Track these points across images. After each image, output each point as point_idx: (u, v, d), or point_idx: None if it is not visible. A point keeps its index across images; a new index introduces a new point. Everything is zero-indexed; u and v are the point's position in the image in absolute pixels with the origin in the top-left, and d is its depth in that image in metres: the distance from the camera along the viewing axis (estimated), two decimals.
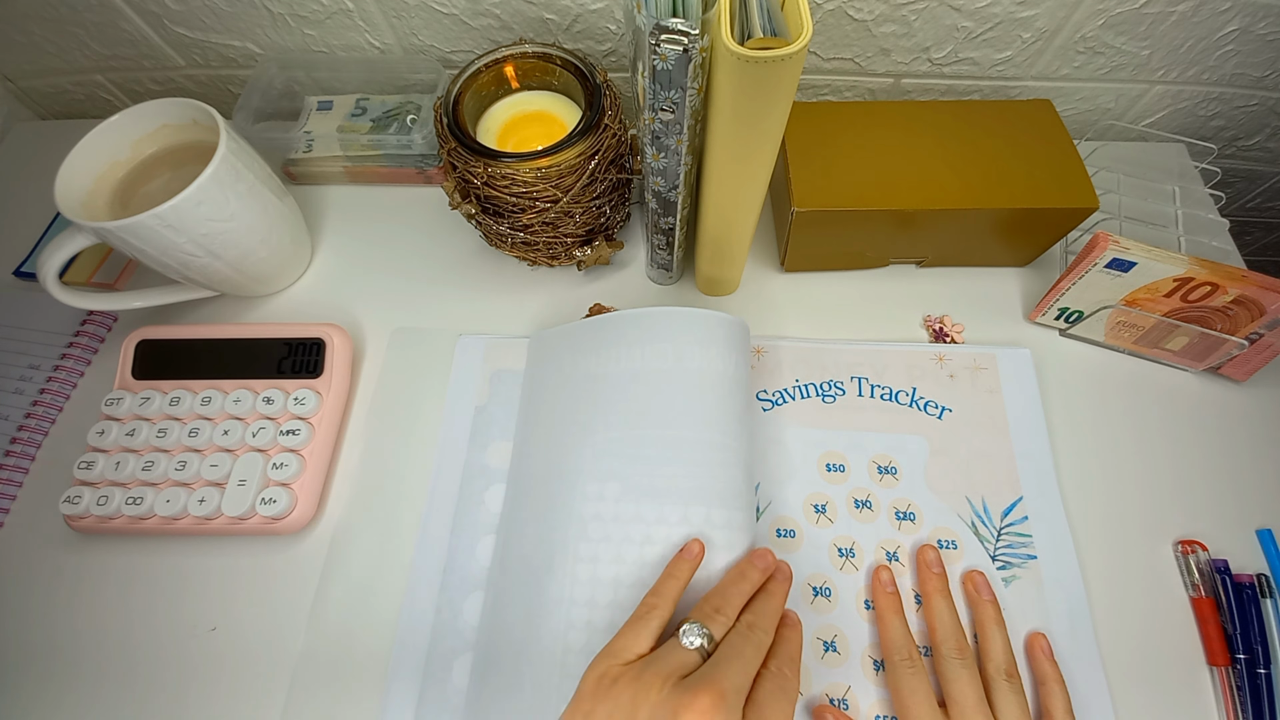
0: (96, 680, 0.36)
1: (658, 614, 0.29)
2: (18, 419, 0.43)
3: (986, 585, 0.36)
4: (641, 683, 0.25)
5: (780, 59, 0.25)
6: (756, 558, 0.33)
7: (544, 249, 0.43)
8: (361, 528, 0.39)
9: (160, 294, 0.44)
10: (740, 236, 0.40)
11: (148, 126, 0.41)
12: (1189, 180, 0.51)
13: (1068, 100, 0.53)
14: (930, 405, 0.42)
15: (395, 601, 0.37)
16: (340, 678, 0.35)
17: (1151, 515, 0.39)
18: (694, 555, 0.32)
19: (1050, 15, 0.46)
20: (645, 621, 0.28)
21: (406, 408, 0.43)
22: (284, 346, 0.42)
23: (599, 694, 0.26)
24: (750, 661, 0.27)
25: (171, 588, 0.38)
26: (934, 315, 0.46)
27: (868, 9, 0.46)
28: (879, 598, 0.36)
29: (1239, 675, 0.34)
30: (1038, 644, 0.34)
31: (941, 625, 0.34)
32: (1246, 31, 0.46)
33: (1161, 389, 0.43)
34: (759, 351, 0.44)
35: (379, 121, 0.50)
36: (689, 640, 0.27)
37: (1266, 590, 0.36)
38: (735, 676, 0.26)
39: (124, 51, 0.53)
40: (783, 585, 0.32)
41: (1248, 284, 0.37)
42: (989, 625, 0.34)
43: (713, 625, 0.28)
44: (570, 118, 0.42)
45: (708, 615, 0.29)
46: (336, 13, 0.49)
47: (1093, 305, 0.42)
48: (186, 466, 0.39)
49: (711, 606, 0.29)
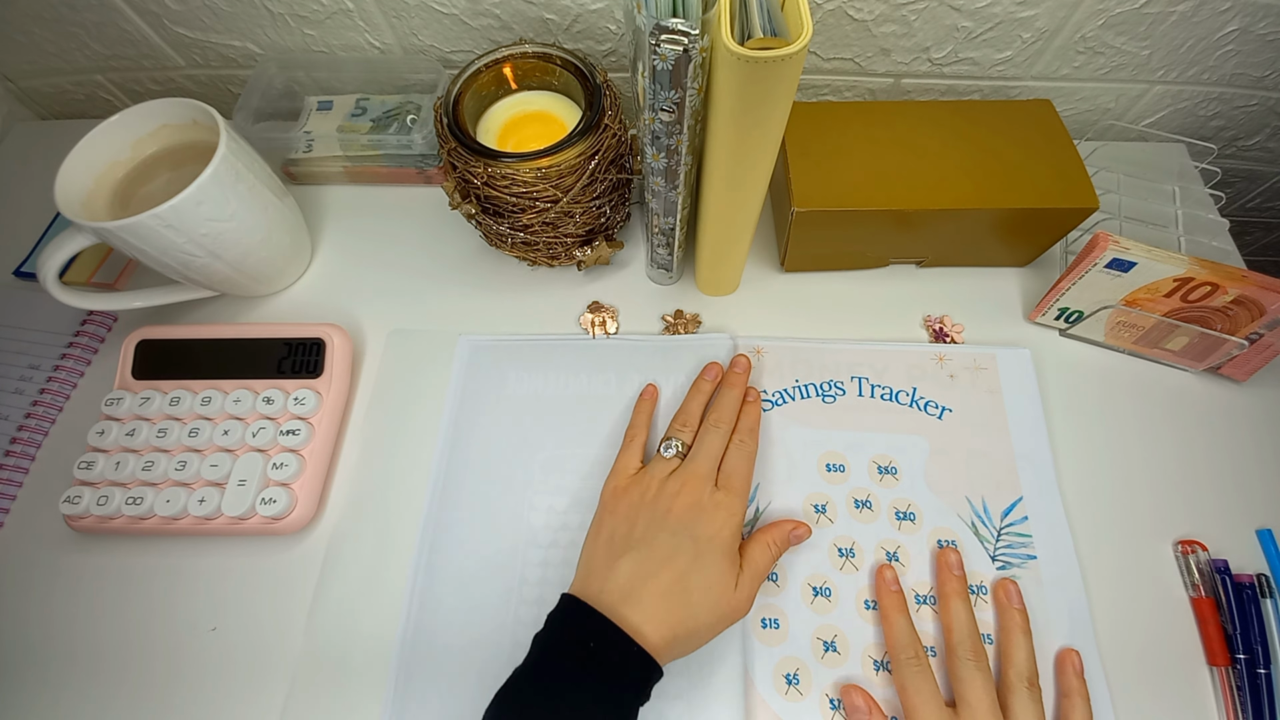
0: (96, 680, 0.36)
1: (638, 439, 0.39)
2: (18, 419, 0.43)
3: (1018, 594, 0.35)
4: (643, 485, 0.35)
5: (780, 59, 0.25)
6: (706, 371, 0.41)
7: (544, 249, 0.43)
8: (361, 528, 0.39)
9: (160, 294, 0.44)
10: (740, 236, 0.40)
11: (148, 126, 0.41)
12: (1189, 180, 0.51)
13: (1068, 100, 0.53)
14: (930, 405, 0.42)
15: (395, 601, 0.37)
16: (340, 678, 0.35)
17: (1152, 515, 0.39)
18: (651, 395, 0.42)
19: (1050, 15, 0.45)
20: (630, 447, 0.39)
21: (406, 407, 0.43)
22: (284, 346, 0.42)
23: (616, 498, 0.36)
24: (714, 447, 0.37)
25: (171, 588, 0.38)
26: (934, 315, 0.46)
27: (868, 9, 0.46)
28: (883, 596, 0.36)
29: (1239, 675, 0.34)
30: (1069, 659, 0.34)
31: (959, 627, 0.34)
32: (1246, 31, 0.46)
33: (1161, 389, 0.43)
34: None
35: (379, 121, 0.50)
36: (665, 451, 0.37)
37: (1266, 590, 0.36)
38: (704, 463, 0.36)
39: (124, 51, 0.53)
40: (739, 377, 0.40)
41: (1248, 284, 0.37)
42: (1015, 632, 0.34)
43: (681, 435, 0.38)
44: (570, 118, 0.42)
45: (676, 430, 0.38)
46: (336, 13, 0.49)
47: (1093, 305, 0.42)
48: (186, 466, 0.39)
49: (678, 422, 0.39)
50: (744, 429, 0.38)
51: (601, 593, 0.31)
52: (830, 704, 0.34)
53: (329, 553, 0.39)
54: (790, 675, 0.35)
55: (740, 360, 0.41)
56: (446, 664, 0.35)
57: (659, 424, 0.41)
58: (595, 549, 0.34)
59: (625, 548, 0.32)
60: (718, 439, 0.37)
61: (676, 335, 0.45)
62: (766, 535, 0.35)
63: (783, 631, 0.36)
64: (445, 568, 0.38)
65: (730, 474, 0.36)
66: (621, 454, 0.38)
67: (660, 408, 0.42)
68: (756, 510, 0.39)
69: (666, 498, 0.34)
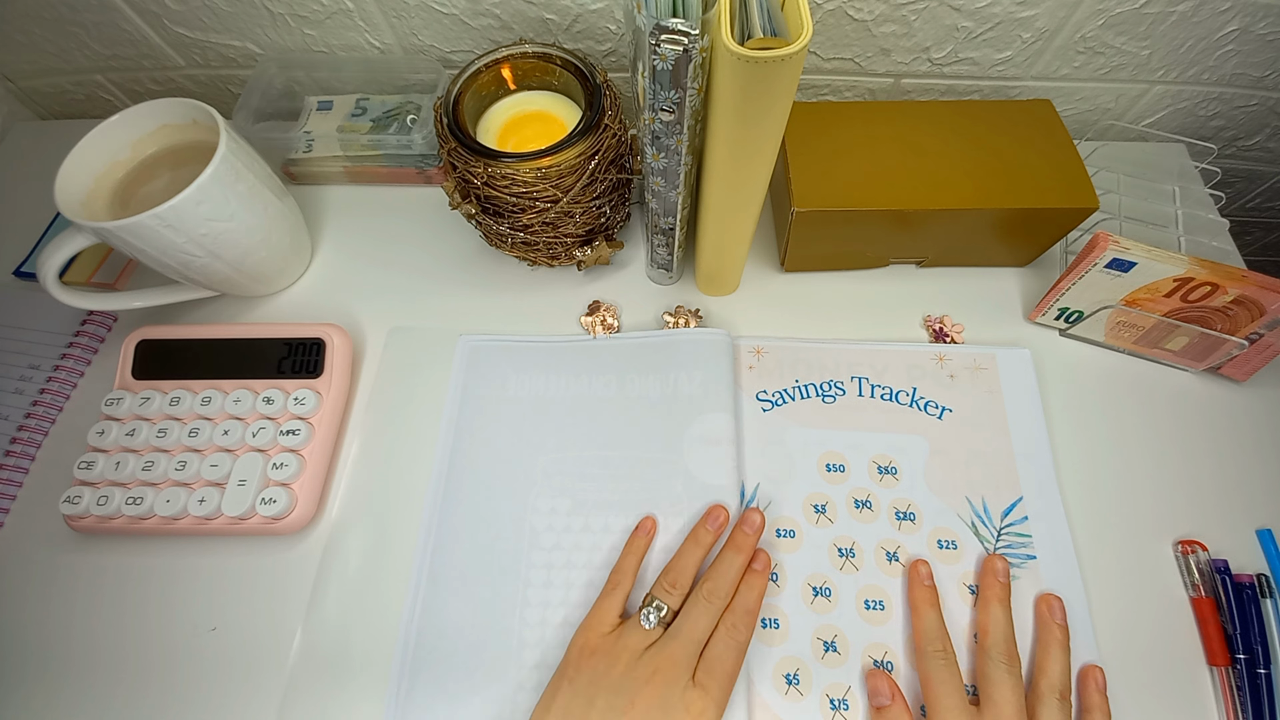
0: (96, 680, 0.36)
1: (620, 589, 0.35)
2: (18, 419, 0.43)
3: (1061, 610, 0.35)
4: (612, 656, 0.32)
5: (780, 59, 0.25)
6: (709, 520, 0.37)
7: (544, 249, 0.43)
8: (361, 528, 0.39)
9: (160, 294, 0.44)
10: (740, 236, 0.40)
11: (148, 126, 0.41)
12: (1189, 180, 0.51)
13: (1068, 100, 0.53)
14: (930, 405, 0.42)
15: (395, 601, 0.37)
16: (339, 679, 0.35)
17: (1152, 515, 0.39)
18: (648, 530, 0.37)
19: (1050, 15, 0.46)
20: (611, 597, 0.34)
21: (406, 407, 0.43)
22: (284, 346, 0.42)
23: (580, 663, 0.32)
24: (700, 627, 0.32)
25: (171, 588, 0.38)
26: (934, 315, 0.46)
27: (868, 9, 0.46)
28: (915, 589, 0.36)
29: (1239, 675, 0.34)
30: (1093, 676, 0.34)
31: (995, 629, 0.34)
32: (1246, 31, 0.46)
33: (1161, 389, 0.43)
34: (759, 351, 0.44)
35: (379, 121, 0.50)
36: (645, 621, 0.33)
37: (1266, 590, 0.36)
38: (683, 647, 0.31)
39: (124, 51, 0.53)
40: (747, 539, 0.36)
41: (1248, 284, 0.37)
42: (1054, 647, 0.34)
43: (668, 599, 0.33)
44: (570, 118, 0.42)
45: (663, 590, 0.34)
46: (336, 13, 0.49)
47: (1093, 305, 0.42)
48: (186, 466, 0.39)
49: (668, 581, 0.34)
50: (740, 609, 0.33)
51: None
52: (830, 704, 0.34)
53: (327, 552, 0.39)
54: (790, 675, 0.35)
55: (752, 517, 0.36)
56: (449, 665, 0.35)
57: None
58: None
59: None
60: (706, 617, 0.33)
61: (675, 329, 0.44)
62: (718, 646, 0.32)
63: (783, 631, 0.36)
64: (447, 569, 0.38)
65: (712, 666, 0.31)
66: (599, 602, 0.34)
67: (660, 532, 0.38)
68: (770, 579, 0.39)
69: (632, 683, 0.30)
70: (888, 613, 0.36)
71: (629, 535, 0.37)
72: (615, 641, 0.32)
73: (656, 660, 0.31)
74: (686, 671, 0.31)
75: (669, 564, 0.35)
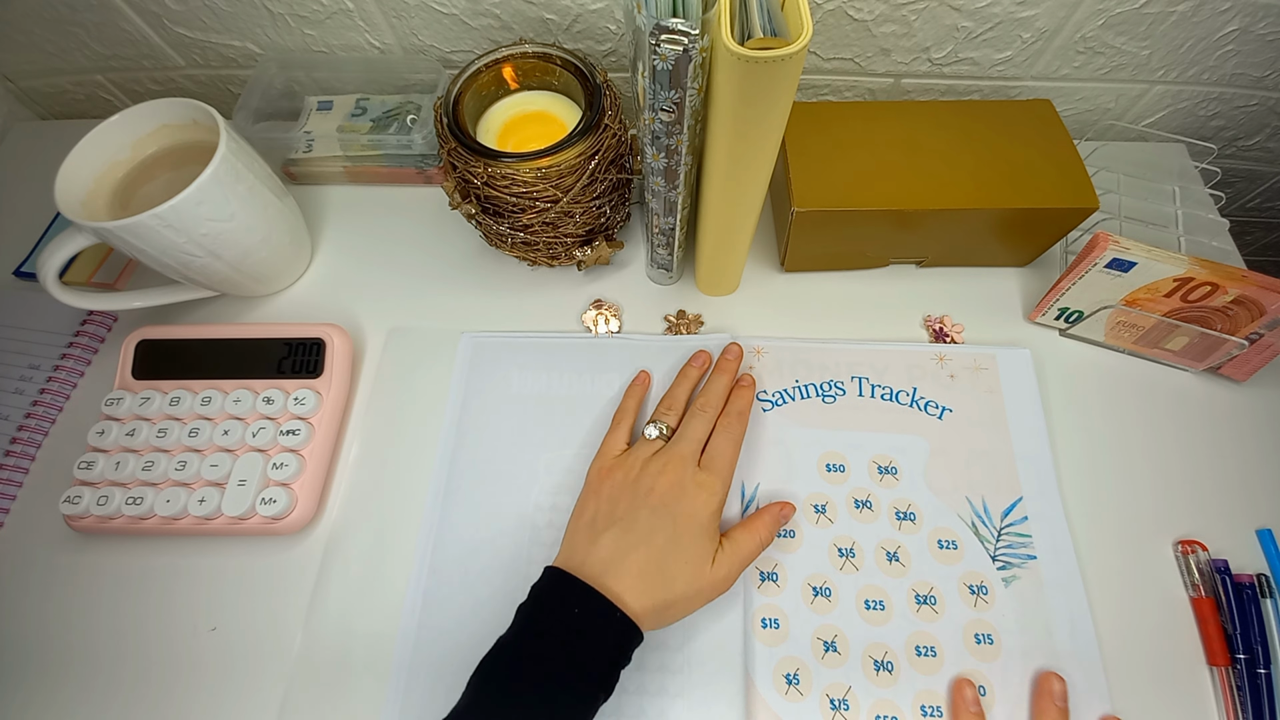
0: (96, 680, 0.36)
1: (625, 423, 0.40)
2: (18, 419, 0.43)
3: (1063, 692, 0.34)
4: (627, 465, 0.36)
5: (780, 59, 0.25)
6: (694, 360, 0.42)
7: (544, 249, 0.43)
8: (361, 527, 0.39)
9: (160, 294, 0.44)
10: (740, 236, 0.40)
11: (148, 126, 0.41)
12: (1189, 180, 0.51)
13: (1068, 100, 0.53)
14: (930, 405, 0.42)
15: (397, 600, 0.37)
16: (339, 678, 0.35)
17: (1152, 515, 0.39)
18: (643, 381, 0.42)
19: (1050, 15, 0.45)
20: (617, 429, 0.39)
21: (406, 407, 0.43)
22: (284, 346, 0.42)
23: (600, 479, 0.36)
24: (699, 431, 0.37)
25: (171, 588, 0.38)
26: (934, 315, 0.46)
27: (868, 9, 0.46)
28: (960, 715, 0.34)
29: (1239, 675, 0.34)
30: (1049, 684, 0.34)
31: None
32: (1246, 31, 0.46)
33: (1161, 389, 0.43)
34: (759, 351, 0.44)
35: (379, 121, 0.50)
36: (649, 433, 0.38)
37: (1266, 590, 0.36)
38: (687, 445, 0.36)
39: (124, 51, 0.53)
40: (730, 364, 0.41)
41: (1248, 284, 0.37)
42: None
43: (666, 418, 0.38)
44: (570, 118, 0.42)
45: (661, 413, 0.39)
46: (336, 13, 0.49)
47: (1093, 305, 0.42)
48: (186, 466, 0.39)
49: (664, 406, 0.39)
50: (732, 411, 0.38)
51: (584, 564, 0.32)
52: (830, 704, 0.34)
53: (328, 552, 0.39)
54: (790, 675, 0.35)
55: (732, 347, 0.42)
56: (451, 664, 0.35)
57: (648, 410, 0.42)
58: (579, 527, 0.35)
59: (608, 524, 0.33)
60: (702, 423, 0.37)
61: (679, 335, 0.45)
62: (753, 520, 0.36)
63: (783, 631, 0.36)
64: (449, 567, 0.38)
65: (714, 456, 0.36)
66: (609, 435, 0.39)
67: (651, 395, 0.42)
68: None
69: (649, 477, 0.35)
70: (888, 613, 0.36)
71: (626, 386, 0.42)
72: (628, 457, 0.37)
73: (666, 457, 0.36)
74: (693, 461, 0.36)
75: (664, 395, 0.40)
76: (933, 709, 0.34)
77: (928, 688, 0.34)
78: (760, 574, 0.37)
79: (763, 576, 0.37)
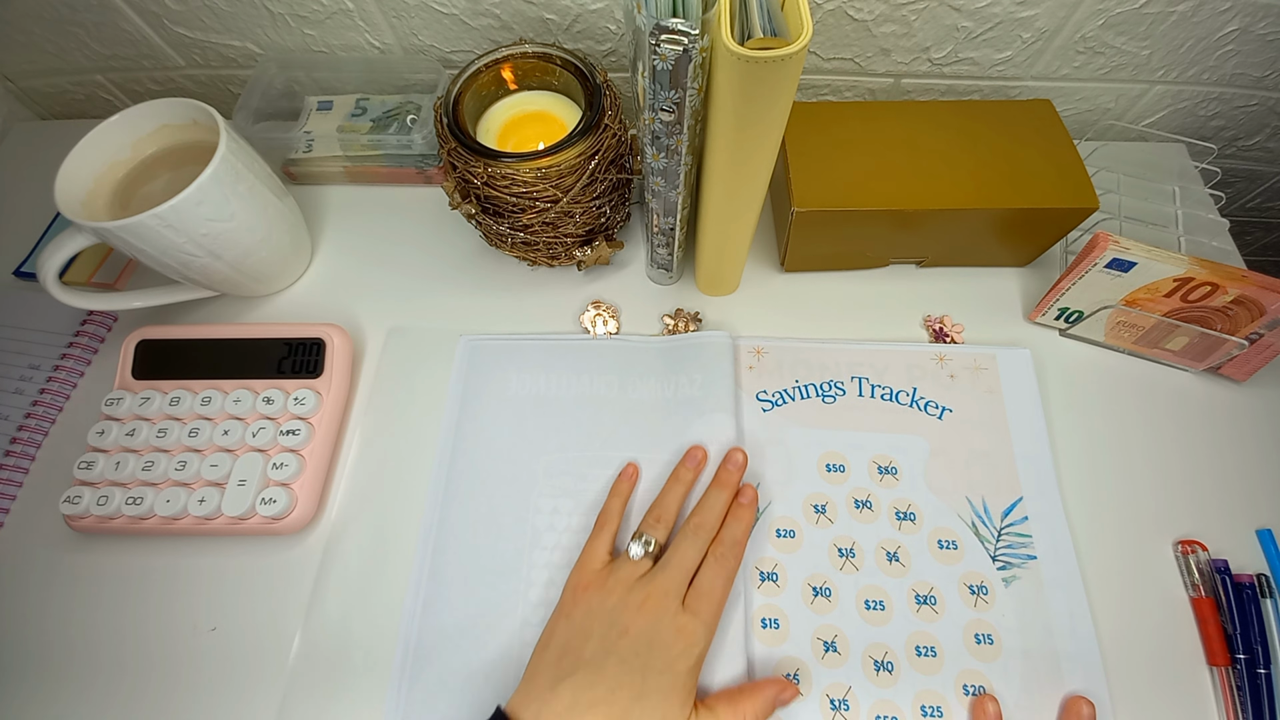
0: (96, 680, 0.36)
1: (607, 529, 0.36)
2: (18, 419, 0.43)
3: (1092, 715, 0.33)
4: (605, 589, 0.33)
5: (780, 59, 0.25)
6: (688, 459, 0.38)
7: (544, 249, 0.43)
8: (361, 528, 0.39)
9: (160, 294, 0.44)
10: (740, 236, 0.40)
11: (148, 126, 0.41)
12: (1189, 180, 0.51)
13: (1068, 100, 0.53)
14: (930, 405, 0.42)
15: (396, 601, 0.37)
16: (340, 677, 0.35)
17: (1152, 515, 0.39)
18: (630, 476, 0.39)
19: (1050, 15, 0.45)
20: (599, 537, 0.36)
21: (406, 408, 0.43)
22: (284, 346, 0.42)
23: (575, 600, 0.33)
24: (689, 558, 0.33)
25: (171, 588, 0.38)
26: (934, 315, 0.46)
27: (868, 9, 0.46)
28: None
29: (1239, 675, 0.34)
30: (1079, 708, 0.33)
31: None
32: (1246, 31, 0.46)
33: (1161, 389, 0.43)
34: (759, 352, 0.44)
35: (379, 121, 0.50)
36: (633, 551, 0.34)
37: (1266, 590, 0.36)
38: (673, 576, 0.32)
39: (124, 51, 0.53)
40: (731, 475, 0.37)
41: (1248, 284, 0.37)
42: None
43: (654, 532, 0.35)
44: (570, 118, 0.42)
45: (649, 525, 0.35)
46: (336, 13, 0.49)
47: (1093, 305, 0.42)
48: (186, 466, 0.39)
49: (653, 516, 0.36)
50: (727, 540, 0.34)
51: (539, 715, 0.29)
52: (831, 704, 0.34)
53: (328, 552, 0.39)
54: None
55: (735, 456, 0.38)
56: (451, 665, 0.35)
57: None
58: (543, 660, 0.32)
59: (572, 667, 0.30)
60: (694, 548, 0.34)
61: (676, 335, 0.45)
62: (743, 695, 0.31)
63: (783, 632, 0.36)
64: (449, 569, 0.38)
65: (702, 593, 0.32)
66: (589, 543, 0.36)
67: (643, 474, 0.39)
68: (756, 512, 0.39)
69: (626, 612, 0.31)
70: (888, 613, 0.36)
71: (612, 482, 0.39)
72: (607, 576, 0.33)
73: (647, 589, 0.32)
74: (676, 599, 0.32)
75: (654, 502, 0.37)
76: (933, 709, 0.34)
77: (928, 688, 0.34)
78: (760, 574, 0.37)
79: (763, 577, 0.37)
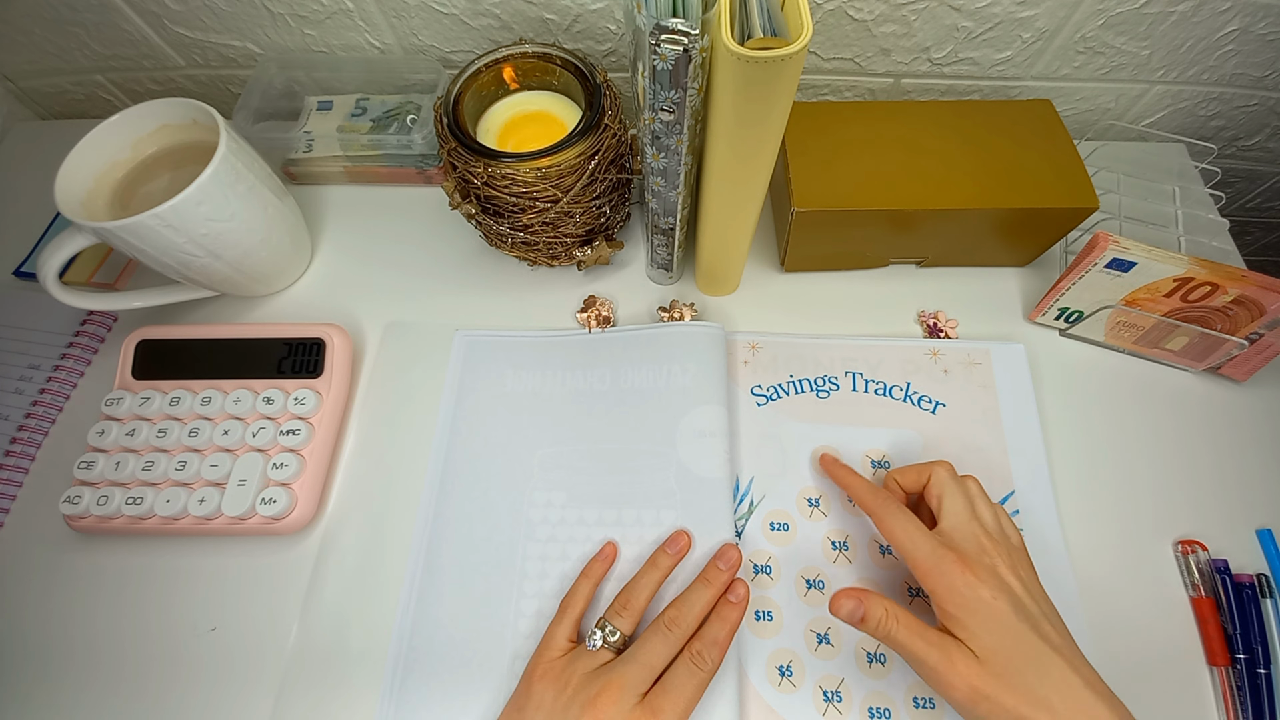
0: (96, 680, 0.36)
1: (570, 613, 0.34)
2: (18, 419, 0.43)
3: None
4: (562, 680, 0.30)
5: (780, 59, 0.25)
6: (668, 544, 0.36)
7: (544, 249, 0.43)
8: (358, 522, 0.39)
9: (160, 294, 0.44)
10: (740, 236, 0.40)
11: (148, 126, 0.41)
12: (1189, 180, 0.51)
13: (1068, 100, 0.53)
14: (924, 400, 0.42)
15: (391, 596, 0.37)
16: (335, 672, 0.36)
17: (1152, 515, 0.39)
18: (607, 556, 0.36)
19: (1050, 15, 0.45)
20: (561, 622, 0.33)
21: (404, 405, 0.43)
22: (284, 346, 0.42)
23: (529, 689, 0.31)
24: (657, 655, 0.30)
25: (171, 588, 0.38)
26: (928, 310, 0.46)
27: (868, 9, 0.46)
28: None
29: (1239, 675, 0.34)
30: None
31: None
32: (1246, 31, 0.46)
33: (1161, 389, 0.43)
34: (754, 346, 0.44)
35: (379, 121, 0.50)
36: (592, 641, 0.31)
37: (1266, 590, 0.36)
38: (634, 672, 0.29)
39: (124, 51, 0.53)
40: (720, 574, 0.34)
41: (1248, 284, 0.37)
42: None
43: (619, 622, 0.32)
44: (570, 118, 0.42)
45: (615, 613, 0.33)
46: (336, 13, 0.49)
47: (1093, 305, 0.42)
48: (186, 466, 0.39)
49: (620, 604, 0.33)
50: (707, 638, 0.31)
51: None
52: (824, 696, 0.34)
53: (324, 547, 0.39)
54: (783, 667, 0.35)
55: (729, 553, 0.35)
56: (445, 659, 0.35)
57: None
58: None
59: None
60: (664, 646, 0.30)
61: (669, 323, 0.44)
62: None
63: (776, 624, 0.36)
64: (444, 564, 0.38)
65: (667, 691, 0.29)
66: (550, 628, 0.33)
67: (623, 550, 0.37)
68: (750, 505, 0.39)
69: (577, 705, 0.29)
70: None
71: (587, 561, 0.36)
72: (566, 666, 0.31)
73: (604, 679, 0.29)
74: (635, 693, 0.29)
75: (624, 587, 0.34)
76: (925, 700, 0.34)
77: (920, 679, 0.34)
78: (754, 567, 0.37)
79: (756, 569, 0.37)
